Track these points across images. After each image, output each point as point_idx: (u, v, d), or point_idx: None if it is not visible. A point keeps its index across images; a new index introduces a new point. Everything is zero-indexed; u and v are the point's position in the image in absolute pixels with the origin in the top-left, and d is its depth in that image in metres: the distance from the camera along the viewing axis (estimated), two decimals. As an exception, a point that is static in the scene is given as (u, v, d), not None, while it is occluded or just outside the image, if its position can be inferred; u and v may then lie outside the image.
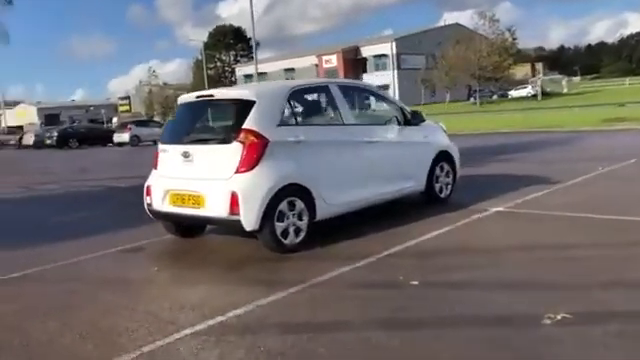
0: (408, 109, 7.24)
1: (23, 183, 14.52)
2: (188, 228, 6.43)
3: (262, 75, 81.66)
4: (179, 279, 5.30)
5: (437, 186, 7.45)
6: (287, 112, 5.94)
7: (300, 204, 5.70)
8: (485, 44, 55.19)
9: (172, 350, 3.53)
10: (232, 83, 74.50)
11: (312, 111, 6.47)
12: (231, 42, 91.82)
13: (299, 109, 6.13)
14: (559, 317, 3.57)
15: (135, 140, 35.80)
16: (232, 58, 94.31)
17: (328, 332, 3.69)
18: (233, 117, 5.71)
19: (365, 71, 73.15)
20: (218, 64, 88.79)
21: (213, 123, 6.12)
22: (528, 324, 3.56)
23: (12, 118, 74.28)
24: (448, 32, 66.21)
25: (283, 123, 5.78)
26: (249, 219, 5.36)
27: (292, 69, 78.83)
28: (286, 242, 5.59)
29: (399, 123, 7.03)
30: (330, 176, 6.03)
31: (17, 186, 13.86)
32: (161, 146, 6.19)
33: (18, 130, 52.10)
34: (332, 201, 6.03)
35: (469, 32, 59.00)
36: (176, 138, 6.13)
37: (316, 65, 74.74)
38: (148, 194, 6.16)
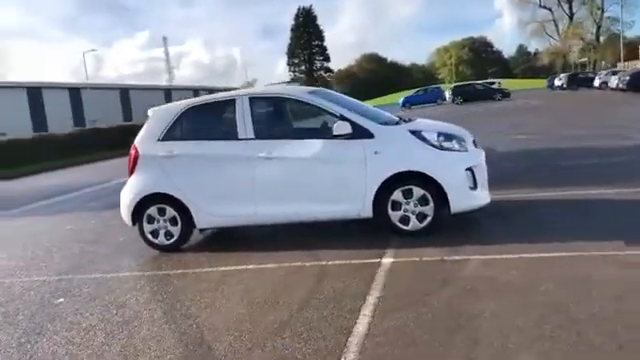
0: (359, 120, 6.06)
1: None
2: None
3: None
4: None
5: (396, 214, 5.94)
6: (174, 128, 6.63)
7: (171, 211, 6.55)
8: None
9: None
10: None
11: (202, 126, 6.66)
12: None
13: (189, 125, 6.60)
14: None
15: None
16: None
17: None
18: (145, 131, 6.94)
19: None
20: None
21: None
22: None
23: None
24: None
25: (166, 138, 6.60)
26: (123, 217, 6.80)
27: None
28: (156, 241, 6.65)
29: (334, 136, 6.08)
30: (210, 189, 6.41)
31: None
32: None
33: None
34: (215, 212, 6.45)
35: None
36: None
37: None
38: None
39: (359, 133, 5.95)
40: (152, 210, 6.55)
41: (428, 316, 3.94)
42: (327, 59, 73.77)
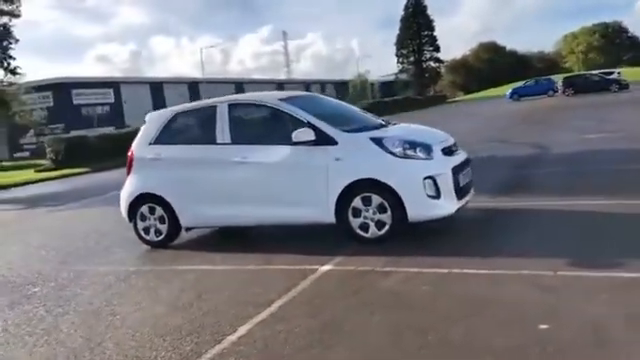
0: (324, 127, 6.12)
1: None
2: None
3: None
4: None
5: (356, 221, 5.94)
6: (164, 133, 7.05)
7: (160, 210, 7.01)
8: None
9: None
10: None
11: (186, 131, 7.01)
12: None
13: (176, 130, 7.00)
14: None
15: None
16: None
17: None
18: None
19: None
20: None
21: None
22: None
23: None
24: None
25: (157, 142, 7.07)
26: (123, 213, 7.37)
27: None
28: (147, 238, 7.15)
29: (298, 142, 6.18)
30: (191, 190, 6.79)
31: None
32: None
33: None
34: (196, 213, 6.83)
35: None
36: None
37: None
38: None
39: (323, 140, 6.00)
40: (144, 209, 7.04)
41: (305, 328, 3.98)
42: (437, 49, 72.42)
